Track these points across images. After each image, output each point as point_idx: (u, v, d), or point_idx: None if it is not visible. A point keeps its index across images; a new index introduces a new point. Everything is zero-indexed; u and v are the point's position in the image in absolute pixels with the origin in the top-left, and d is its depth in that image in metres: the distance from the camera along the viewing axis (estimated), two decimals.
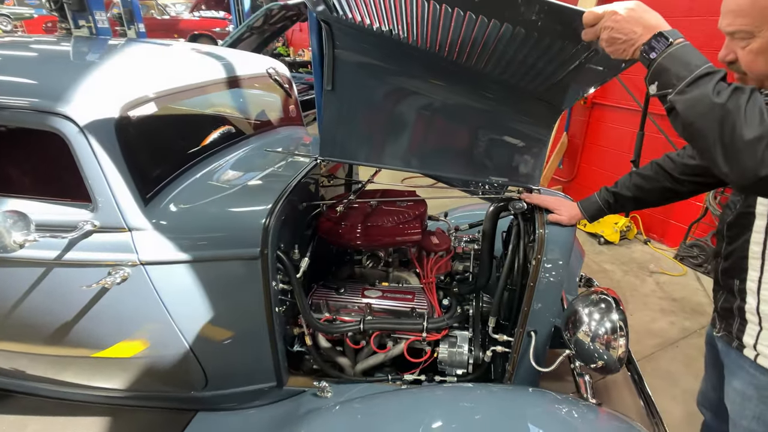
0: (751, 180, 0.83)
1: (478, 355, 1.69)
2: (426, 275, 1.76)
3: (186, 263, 1.40)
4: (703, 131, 0.84)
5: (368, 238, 1.64)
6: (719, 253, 1.16)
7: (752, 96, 0.81)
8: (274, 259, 1.47)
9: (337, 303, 1.74)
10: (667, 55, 0.88)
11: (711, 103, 0.82)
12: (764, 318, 1.04)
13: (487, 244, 1.75)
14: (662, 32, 0.88)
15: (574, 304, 1.44)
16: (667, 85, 0.88)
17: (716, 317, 1.23)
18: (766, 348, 1.04)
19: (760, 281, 1.02)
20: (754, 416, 1.08)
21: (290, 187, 1.55)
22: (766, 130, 0.78)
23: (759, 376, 1.06)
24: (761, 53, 0.90)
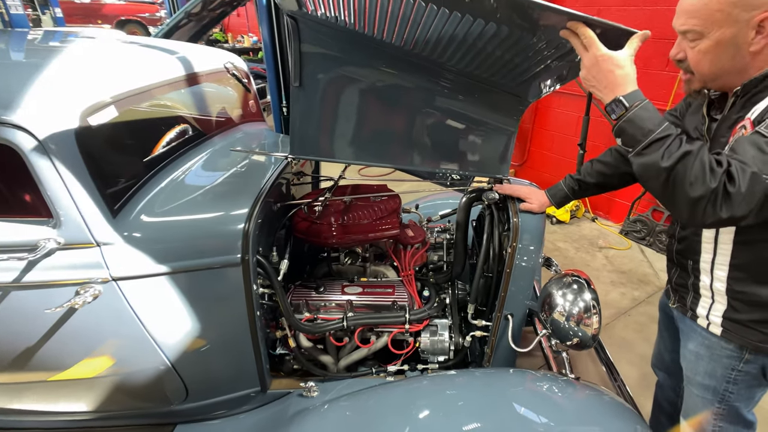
0: (698, 226, 1.11)
1: (458, 341, 1.76)
2: (404, 268, 1.79)
3: (161, 276, 1.34)
4: (654, 191, 0.98)
5: (347, 236, 1.64)
6: (674, 236, 1.29)
7: (699, 155, 0.91)
8: (255, 264, 1.43)
9: (317, 302, 1.74)
10: (626, 120, 0.96)
11: (659, 168, 0.92)
12: (716, 293, 1.17)
13: (461, 234, 1.81)
14: (619, 98, 0.96)
15: (548, 287, 1.53)
16: (627, 145, 0.99)
17: (670, 290, 1.36)
18: (716, 318, 1.18)
19: (713, 262, 1.15)
20: (706, 372, 1.23)
21: (266, 189, 1.52)
22: (707, 189, 0.88)
23: (711, 337, 1.20)
24: (708, 53, 1.00)
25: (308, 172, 2.19)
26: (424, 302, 1.78)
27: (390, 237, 1.70)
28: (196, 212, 1.41)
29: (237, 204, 1.44)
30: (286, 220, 1.68)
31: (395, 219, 1.71)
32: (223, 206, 1.44)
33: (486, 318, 1.72)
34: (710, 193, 0.88)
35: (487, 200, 1.64)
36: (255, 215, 1.40)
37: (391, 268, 1.89)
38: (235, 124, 2.09)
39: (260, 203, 1.44)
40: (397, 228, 1.69)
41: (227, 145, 1.90)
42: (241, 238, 1.36)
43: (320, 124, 1.56)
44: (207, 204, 1.45)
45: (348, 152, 1.61)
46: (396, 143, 1.62)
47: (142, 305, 1.35)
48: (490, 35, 1.17)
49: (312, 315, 1.71)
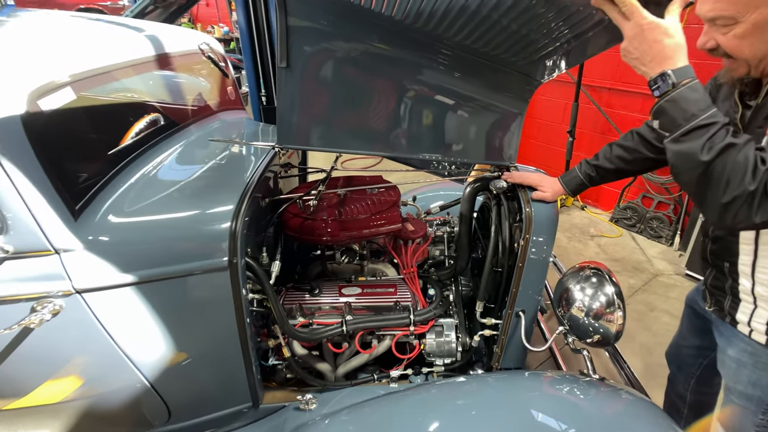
0: (726, 229, 1.05)
1: (465, 341, 1.64)
2: (406, 265, 1.66)
3: (135, 285, 1.15)
4: (687, 184, 0.88)
5: (345, 232, 1.49)
6: (707, 234, 1.18)
7: (743, 150, 0.80)
8: (244, 267, 1.27)
9: (312, 305, 1.58)
10: (669, 99, 0.85)
11: (697, 161, 0.82)
12: (759, 298, 1.07)
13: (465, 226, 1.68)
14: (667, 72, 0.84)
15: (565, 281, 1.42)
16: (664, 128, 0.88)
17: (706, 292, 1.26)
18: (760, 325, 1.08)
19: (754, 265, 1.05)
20: (750, 381, 1.13)
21: (252, 183, 1.35)
22: (744, 191, 0.79)
23: (755, 345, 1.10)
24: (746, 38, 0.88)
25: (295, 163, 2.02)
26: (428, 301, 1.65)
27: (391, 232, 1.56)
28: (174, 210, 1.23)
29: (221, 200, 1.27)
30: (275, 217, 1.51)
31: (396, 212, 1.57)
32: (205, 203, 1.27)
33: (495, 315, 1.60)
34: (747, 195, 0.79)
35: (495, 189, 1.51)
36: (242, 212, 1.23)
37: (390, 266, 1.75)
38: (213, 112, 1.89)
39: (248, 199, 1.27)
40: (398, 222, 1.55)
41: (204, 135, 1.71)
42: (227, 239, 1.20)
43: (311, 109, 1.39)
44: (185, 201, 1.27)
45: (342, 140, 1.46)
46: (396, 129, 1.47)
47: (113, 320, 1.17)
48: (506, 6, 1.04)
49: (307, 320, 1.55)
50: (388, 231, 1.54)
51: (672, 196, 3.23)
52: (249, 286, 1.35)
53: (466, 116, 1.47)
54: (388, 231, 1.54)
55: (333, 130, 1.44)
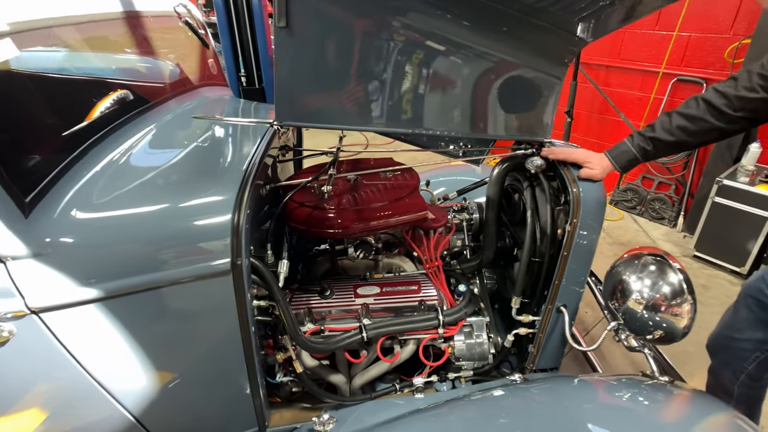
0: None
1: (497, 342, 1.45)
2: (430, 258, 1.45)
3: (111, 300, 0.90)
4: None
5: (364, 222, 1.27)
6: None
7: None
8: (249, 269, 1.03)
9: (323, 309, 1.36)
10: None
11: None
12: None
13: (492, 212, 1.49)
14: None
15: (618, 270, 1.25)
16: None
17: None
18: None
19: None
20: None
21: (253, 167, 1.10)
22: None
23: None
24: None
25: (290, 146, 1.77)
26: (455, 299, 1.45)
27: (417, 221, 1.34)
28: (157, 202, 0.97)
29: (217, 189, 1.02)
30: (279, 208, 1.27)
31: (420, 198, 1.35)
32: (197, 193, 1.02)
33: (531, 311, 1.42)
34: None
35: (534, 168, 1.32)
36: (245, 203, 0.99)
37: (408, 260, 1.53)
38: (192, 87, 1.61)
39: (249, 186, 1.03)
40: (424, 209, 1.33)
41: (185, 114, 1.43)
42: (229, 236, 0.95)
43: (315, 77, 1.15)
44: (171, 191, 1.02)
45: (352, 115, 1.23)
46: (414, 101, 1.25)
47: (83, 344, 0.91)
48: None
49: (317, 326, 1.33)
50: (413, 220, 1.32)
51: (674, 176, 3.15)
52: (254, 291, 1.12)
53: (495, 84, 1.26)
54: (413, 220, 1.32)
55: (342, 103, 1.21)
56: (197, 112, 1.47)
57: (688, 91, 3.01)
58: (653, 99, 3.14)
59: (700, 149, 2.97)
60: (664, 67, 3.01)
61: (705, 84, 2.91)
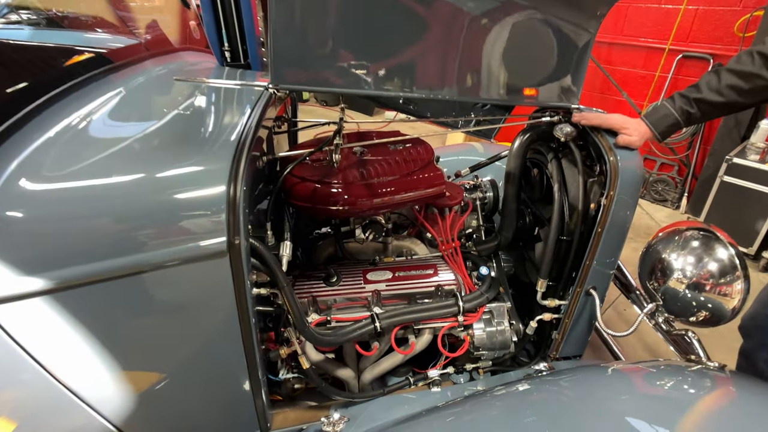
0: None
1: (519, 328, 1.33)
2: (447, 239, 1.31)
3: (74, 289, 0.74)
4: None
5: (377, 199, 1.12)
6: None
7: None
8: (248, 251, 0.87)
9: (329, 297, 1.21)
10: None
11: None
12: None
13: (513, 188, 1.36)
14: None
15: (657, 247, 1.14)
16: None
17: None
18: None
19: None
20: None
21: (249, 134, 0.94)
22: None
23: None
24: None
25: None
26: (475, 283, 1.32)
27: (436, 197, 1.20)
28: (132, 171, 0.81)
29: (206, 157, 0.86)
30: (279, 183, 1.11)
31: (439, 171, 1.21)
32: (182, 161, 0.85)
33: (557, 295, 1.30)
34: None
35: (563, 136, 1.19)
36: (242, 174, 0.83)
37: (420, 242, 1.39)
38: (172, 49, 1.43)
39: (246, 155, 0.87)
40: (443, 183, 1.19)
41: (163, 75, 1.26)
42: (224, 211, 0.80)
43: (316, 33, 1.00)
44: (149, 159, 0.85)
45: (359, 77, 1.08)
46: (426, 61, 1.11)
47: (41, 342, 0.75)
48: None
49: (323, 317, 1.19)
50: (431, 195, 1.18)
51: (677, 156, 3.07)
52: (253, 277, 0.96)
53: (519, 39, 1.13)
54: (432, 195, 1.18)
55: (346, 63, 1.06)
56: (178, 75, 1.29)
57: (694, 68, 2.91)
58: (658, 77, 3.05)
59: (705, 127, 2.90)
60: (671, 43, 2.91)
61: (712, 60, 2.82)
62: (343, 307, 1.24)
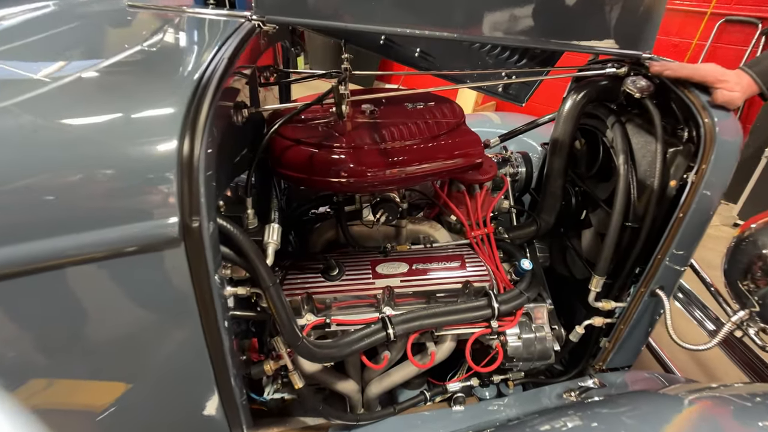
0: None
1: (560, 334, 1.08)
2: (476, 223, 1.05)
3: None
4: None
5: (399, 171, 0.85)
6: None
7: None
8: (215, 236, 0.61)
9: (328, 295, 0.95)
10: None
11: None
12: None
13: (561, 161, 1.09)
14: None
15: (756, 241, 0.88)
16: None
17: None
18: None
19: None
20: None
21: (217, 74, 0.66)
22: None
23: None
24: None
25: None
26: (511, 279, 1.06)
27: (471, 166, 0.93)
28: (30, 112, 0.53)
29: (153, 101, 0.58)
30: (263, 143, 0.83)
31: (471, 135, 0.93)
32: (111, 105, 0.57)
33: (613, 295, 1.05)
34: None
35: (638, 91, 0.91)
36: (203, 127, 0.56)
37: (440, 226, 1.13)
38: None
39: (209, 103, 0.59)
40: (480, 150, 0.92)
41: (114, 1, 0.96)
42: (174, 178, 0.53)
43: None
44: (60, 102, 0.57)
45: (367, 6, 0.81)
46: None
47: None
48: None
49: (321, 318, 0.93)
50: (464, 166, 0.90)
51: None
52: (226, 272, 0.70)
53: None
54: (466, 166, 0.91)
55: None
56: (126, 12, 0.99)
57: (737, 34, 2.61)
58: (695, 45, 2.74)
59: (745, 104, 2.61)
60: (713, 6, 2.60)
61: (760, 24, 2.52)
62: (347, 306, 0.98)
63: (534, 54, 1.19)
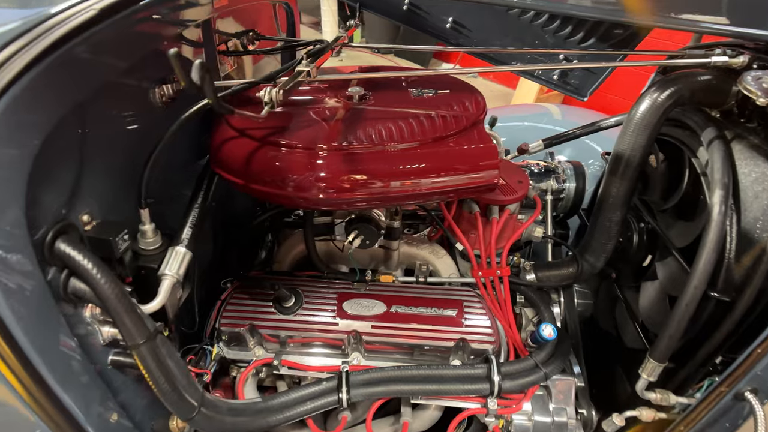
0: None
1: (591, 419, 0.79)
2: (487, 259, 0.77)
3: None
4: None
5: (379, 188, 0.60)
6: None
7: None
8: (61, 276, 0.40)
9: (279, 331, 0.74)
10: None
11: None
12: None
13: (624, 183, 0.76)
14: None
15: None
16: None
17: None
18: None
19: None
20: None
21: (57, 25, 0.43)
22: None
23: None
24: None
25: None
26: (528, 346, 0.78)
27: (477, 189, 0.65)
28: None
29: None
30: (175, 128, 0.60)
31: (489, 143, 0.65)
32: None
33: (673, 385, 0.74)
34: None
35: (763, 95, 0.57)
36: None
37: (443, 251, 0.86)
38: None
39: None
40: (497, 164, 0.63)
41: None
42: None
43: None
44: None
45: None
46: None
47: None
48: None
49: (269, 357, 0.72)
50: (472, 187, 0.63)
51: None
52: (85, 313, 0.49)
53: None
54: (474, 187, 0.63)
55: None
56: None
57: None
58: None
59: None
60: None
61: None
62: (307, 343, 0.76)
63: (606, 32, 0.86)
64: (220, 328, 0.75)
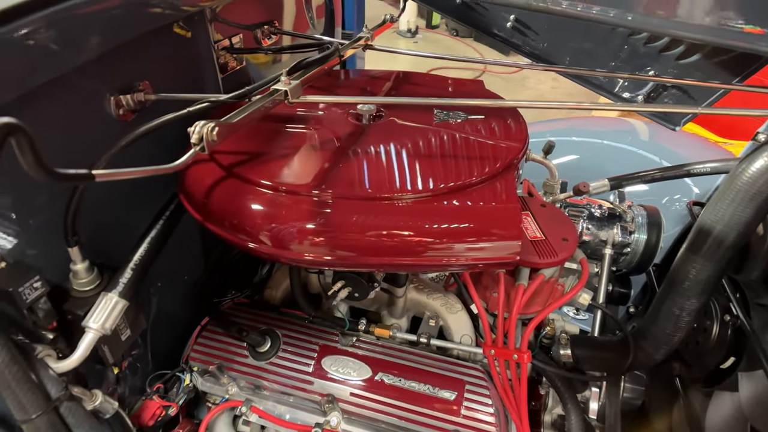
0: None
1: None
2: (503, 335, 0.61)
3: None
4: None
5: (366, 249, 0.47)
6: None
7: None
8: None
9: (250, 376, 0.65)
10: None
11: None
12: None
13: (711, 263, 0.56)
14: None
15: None
16: None
17: None
18: None
19: None
20: None
21: None
22: None
23: None
24: None
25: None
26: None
27: (491, 264, 0.50)
28: None
29: None
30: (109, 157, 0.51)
31: (512, 203, 0.48)
32: None
33: None
34: None
35: None
36: None
37: (460, 305, 0.71)
38: None
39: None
40: (519, 234, 0.47)
41: None
42: None
43: None
44: None
45: None
46: None
47: None
48: None
49: (238, 400, 0.64)
50: (481, 262, 0.48)
51: None
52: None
53: None
54: (485, 263, 0.48)
55: None
56: None
57: None
58: None
59: None
60: None
61: None
62: (281, 393, 0.66)
63: (716, 47, 0.64)
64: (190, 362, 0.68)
